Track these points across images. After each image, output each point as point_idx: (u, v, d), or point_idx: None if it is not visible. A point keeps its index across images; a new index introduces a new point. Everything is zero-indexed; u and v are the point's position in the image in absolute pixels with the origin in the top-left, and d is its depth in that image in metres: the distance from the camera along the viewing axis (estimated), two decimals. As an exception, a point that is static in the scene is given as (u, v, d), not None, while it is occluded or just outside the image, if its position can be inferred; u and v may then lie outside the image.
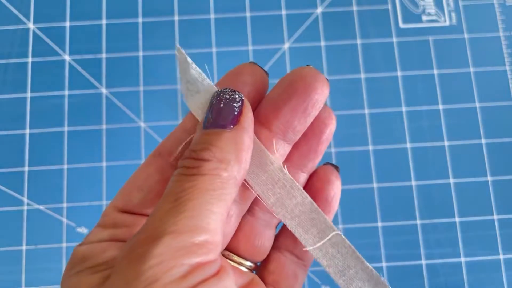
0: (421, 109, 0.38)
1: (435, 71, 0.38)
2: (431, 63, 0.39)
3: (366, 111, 0.38)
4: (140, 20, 0.39)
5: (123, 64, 0.38)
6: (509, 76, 0.39)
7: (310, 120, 0.18)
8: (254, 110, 0.18)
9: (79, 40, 0.39)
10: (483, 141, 0.37)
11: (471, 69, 0.39)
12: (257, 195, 0.18)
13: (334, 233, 0.18)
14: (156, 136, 0.37)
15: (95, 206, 0.36)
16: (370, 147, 0.37)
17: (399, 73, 0.38)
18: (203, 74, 0.18)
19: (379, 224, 0.36)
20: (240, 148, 0.16)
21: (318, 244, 0.18)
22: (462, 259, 0.35)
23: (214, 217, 0.15)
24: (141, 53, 0.38)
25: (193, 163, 0.16)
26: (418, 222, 0.36)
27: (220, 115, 0.17)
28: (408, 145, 0.37)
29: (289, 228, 0.18)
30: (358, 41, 0.39)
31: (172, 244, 0.14)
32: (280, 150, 0.19)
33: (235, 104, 0.17)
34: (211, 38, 0.39)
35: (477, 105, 0.38)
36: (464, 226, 0.36)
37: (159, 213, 0.15)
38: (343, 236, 0.18)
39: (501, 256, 0.35)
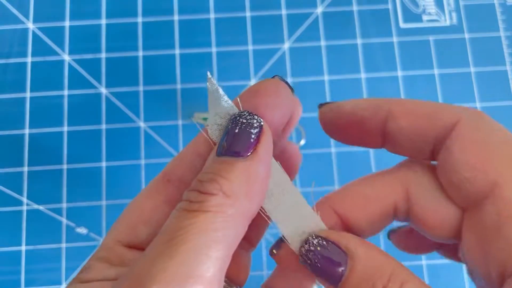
0: (421, 109, 0.38)
1: (436, 71, 0.38)
2: (431, 63, 0.39)
3: (367, 111, 0.38)
4: (140, 20, 0.39)
5: (123, 64, 0.38)
6: (509, 76, 0.38)
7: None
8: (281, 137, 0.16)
9: (78, 40, 0.39)
10: (484, 141, 0.37)
11: (472, 69, 0.38)
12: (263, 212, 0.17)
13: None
14: (156, 136, 0.37)
15: (95, 207, 0.36)
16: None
17: (399, 73, 0.38)
18: (235, 107, 0.16)
19: (380, 224, 0.36)
20: (252, 180, 0.14)
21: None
22: (463, 259, 0.35)
23: (211, 263, 0.13)
24: (141, 53, 0.38)
25: (197, 196, 0.14)
26: (419, 222, 0.36)
27: (235, 142, 0.15)
28: (409, 145, 0.37)
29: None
30: (358, 41, 0.39)
31: None
32: None
33: (252, 130, 0.15)
34: (211, 38, 0.39)
35: (478, 105, 0.38)
36: (464, 226, 0.36)
37: (150, 254, 0.13)
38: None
39: (502, 257, 0.35)
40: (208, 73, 0.16)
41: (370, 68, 0.38)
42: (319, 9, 0.40)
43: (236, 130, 0.15)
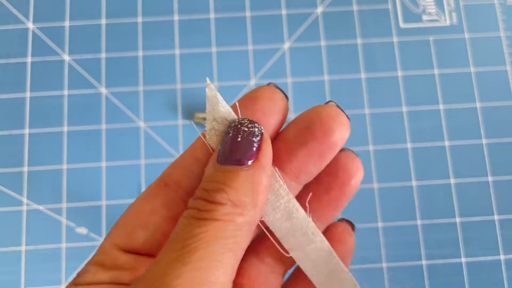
0: (421, 109, 0.38)
1: (436, 71, 0.38)
2: (431, 63, 0.39)
3: (366, 111, 0.38)
4: (139, 19, 0.39)
5: (123, 64, 0.38)
6: (509, 76, 0.38)
7: (326, 163, 0.17)
8: (272, 142, 0.17)
9: (78, 39, 0.39)
10: (484, 141, 0.37)
11: (472, 69, 0.38)
12: (275, 240, 0.17)
13: (344, 273, 0.18)
14: (156, 136, 0.37)
15: (95, 207, 0.36)
16: (370, 147, 0.37)
17: (399, 73, 0.38)
18: (232, 112, 0.16)
19: (380, 224, 0.36)
20: (257, 189, 0.15)
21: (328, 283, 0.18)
22: (463, 259, 0.35)
23: (223, 269, 0.13)
24: (140, 53, 0.38)
25: (206, 205, 0.14)
26: (419, 222, 0.36)
27: (237, 150, 0.15)
28: (409, 145, 0.37)
29: (303, 270, 0.18)
30: (358, 41, 0.39)
31: None
32: (292, 191, 0.17)
33: (253, 139, 0.15)
34: (211, 38, 0.39)
35: (478, 105, 0.38)
36: (464, 226, 0.36)
37: (163, 261, 0.13)
38: (355, 281, 0.18)
39: (502, 257, 0.35)
40: (207, 79, 0.16)
41: (370, 68, 0.38)
42: (319, 9, 0.40)
43: (239, 139, 0.15)
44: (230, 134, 0.15)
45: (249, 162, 0.15)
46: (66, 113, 0.37)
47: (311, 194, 0.17)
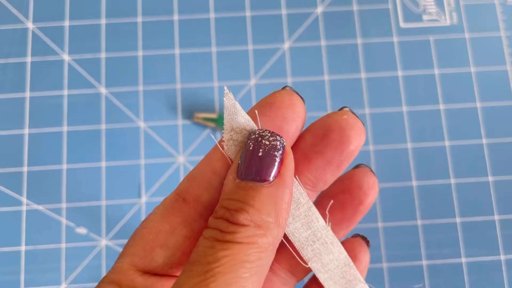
0: (421, 109, 0.38)
1: (436, 71, 0.38)
2: (431, 63, 0.38)
3: (367, 111, 0.38)
4: (139, 19, 0.39)
5: (123, 63, 0.38)
6: (510, 76, 0.38)
7: (342, 170, 0.17)
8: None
9: (78, 39, 0.39)
10: (484, 141, 0.37)
11: (472, 69, 0.38)
12: (294, 251, 0.17)
13: (361, 284, 0.18)
14: (156, 136, 0.37)
15: (95, 207, 0.36)
16: (371, 147, 0.37)
17: (399, 73, 0.38)
18: (252, 122, 0.16)
19: (380, 224, 0.36)
20: (280, 207, 0.14)
21: None
22: (463, 259, 0.35)
23: None
24: (140, 53, 0.38)
25: (227, 227, 0.14)
26: (419, 222, 0.36)
27: (259, 166, 0.14)
28: (409, 145, 0.37)
29: (320, 281, 0.17)
30: (359, 41, 0.39)
31: None
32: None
33: (276, 153, 0.14)
34: (211, 38, 0.39)
35: (478, 105, 0.38)
36: (465, 226, 0.36)
37: (186, 286, 0.13)
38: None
39: (502, 257, 0.35)
40: (226, 88, 0.16)
41: (370, 68, 0.38)
42: (319, 9, 0.40)
43: (260, 154, 0.14)
44: (251, 148, 0.15)
45: (271, 178, 0.14)
46: (66, 113, 0.37)
47: (332, 201, 0.17)
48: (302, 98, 0.16)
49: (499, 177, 0.36)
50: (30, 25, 0.39)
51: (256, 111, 0.16)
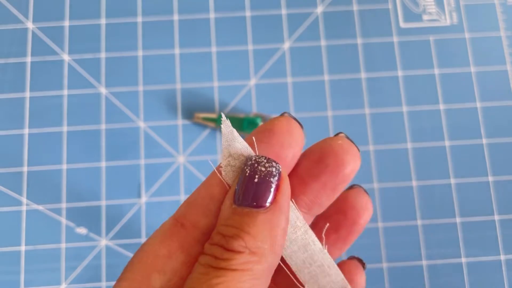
0: (421, 109, 0.38)
1: (436, 71, 0.38)
2: (431, 63, 0.38)
3: (367, 111, 0.38)
4: (139, 19, 0.39)
5: (123, 63, 0.38)
6: (510, 76, 0.38)
7: (338, 194, 0.17)
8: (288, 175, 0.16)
9: (78, 39, 0.39)
10: (484, 141, 0.37)
11: (472, 69, 0.38)
12: (291, 273, 0.17)
13: None
14: (156, 136, 0.37)
15: (94, 207, 0.36)
16: (371, 147, 0.37)
17: (399, 73, 0.38)
18: (249, 148, 0.16)
19: (380, 224, 0.36)
20: (276, 234, 0.14)
21: None
22: (463, 259, 0.35)
23: None
24: (140, 53, 0.38)
25: (222, 253, 0.14)
26: (419, 222, 0.36)
27: (255, 192, 0.14)
28: (409, 145, 0.37)
29: None
30: (359, 41, 0.39)
31: None
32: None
33: (271, 179, 0.15)
34: (211, 38, 0.39)
35: (478, 105, 0.38)
36: (465, 226, 0.36)
37: None
38: None
39: (502, 257, 0.35)
40: (223, 115, 0.16)
41: (370, 68, 0.38)
42: (319, 9, 0.40)
43: (256, 180, 0.15)
44: (247, 174, 0.15)
45: (267, 204, 0.14)
46: (66, 113, 0.37)
47: (328, 225, 0.17)
48: (300, 124, 0.16)
49: (499, 177, 0.36)
50: (30, 25, 0.39)
51: (253, 138, 0.16)
